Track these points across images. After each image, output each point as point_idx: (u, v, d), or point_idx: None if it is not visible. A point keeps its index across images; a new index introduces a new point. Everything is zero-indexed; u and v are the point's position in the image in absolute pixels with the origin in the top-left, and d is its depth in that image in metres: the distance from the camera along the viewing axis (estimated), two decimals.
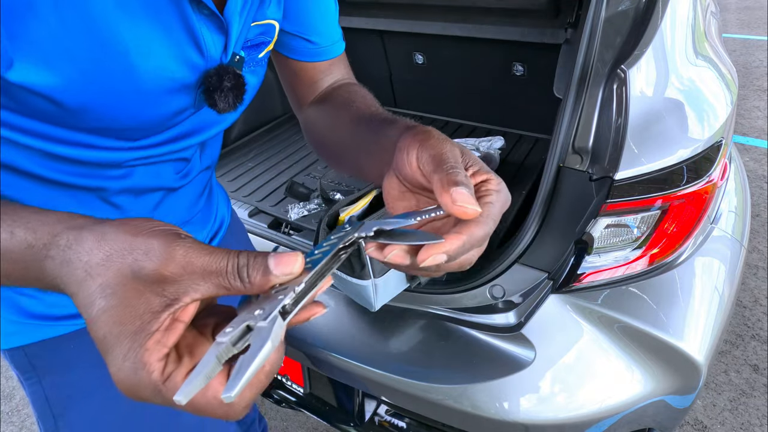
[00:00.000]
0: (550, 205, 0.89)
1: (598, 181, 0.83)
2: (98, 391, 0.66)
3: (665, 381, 0.89)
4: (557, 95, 1.04)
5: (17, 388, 1.81)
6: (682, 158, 0.82)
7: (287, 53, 0.65)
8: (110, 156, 0.50)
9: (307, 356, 1.07)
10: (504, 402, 0.89)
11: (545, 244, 0.91)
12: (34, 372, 0.64)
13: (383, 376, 0.96)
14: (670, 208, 0.84)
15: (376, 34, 1.84)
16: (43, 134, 0.44)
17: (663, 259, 0.89)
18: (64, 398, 0.65)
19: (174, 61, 0.45)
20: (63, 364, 0.64)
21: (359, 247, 0.37)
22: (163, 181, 0.59)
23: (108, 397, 0.66)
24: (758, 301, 1.86)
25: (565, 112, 0.85)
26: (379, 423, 1.13)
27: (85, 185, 0.52)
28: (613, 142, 0.81)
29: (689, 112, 0.86)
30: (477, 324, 0.97)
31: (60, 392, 0.65)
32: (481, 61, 1.72)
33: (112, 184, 0.54)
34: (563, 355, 0.90)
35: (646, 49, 0.84)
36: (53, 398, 0.65)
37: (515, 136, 1.87)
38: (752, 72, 3.77)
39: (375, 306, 0.93)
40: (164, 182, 0.60)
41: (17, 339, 0.61)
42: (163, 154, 0.54)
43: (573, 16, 1.29)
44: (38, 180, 0.49)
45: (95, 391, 0.65)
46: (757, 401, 1.53)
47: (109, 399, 0.66)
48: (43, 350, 0.63)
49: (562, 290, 0.91)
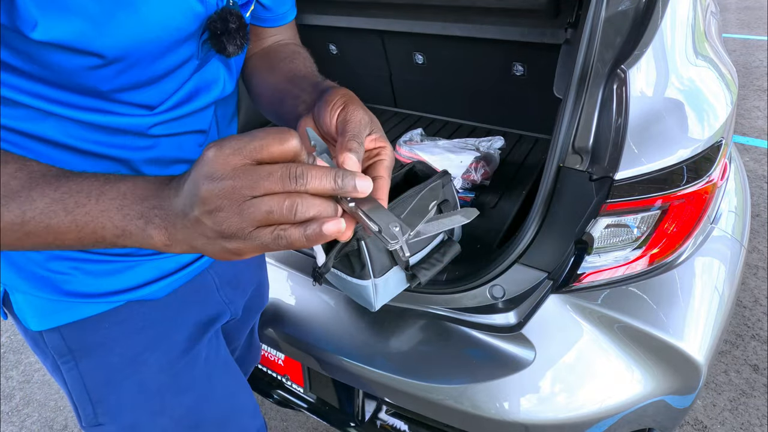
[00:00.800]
0: (550, 205, 0.89)
1: (598, 181, 0.83)
2: (135, 375, 0.66)
3: (665, 381, 0.89)
4: (557, 95, 1.04)
5: (17, 388, 1.81)
6: (682, 158, 0.82)
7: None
8: (133, 122, 0.52)
9: (307, 356, 1.07)
10: (504, 402, 0.89)
11: (545, 244, 0.91)
12: (71, 355, 0.63)
13: (383, 376, 0.96)
14: (670, 208, 0.84)
15: (376, 34, 1.84)
16: (70, 102, 0.47)
17: (663, 259, 0.89)
18: (102, 383, 0.65)
19: (178, 11, 0.47)
20: (100, 346, 0.63)
21: (359, 247, 0.37)
22: (186, 152, 0.61)
23: (145, 381, 0.67)
24: (758, 301, 1.86)
25: (565, 112, 0.85)
26: (380, 425, 1.13)
27: (115, 156, 0.54)
28: (613, 142, 0.81)
29: (689, 112, 0.86)
30: (477, 324, 0.97)
31: (98, 376, 0.64)
32: (481, 61, 1.72)
33: (139, 155, 0.56)
34: (563, 355, 0.90)
35: (646, 49, 0.84)
36: (91, 383, 0.64)
37: (515, 136, 1.87)
38: (752, 72, 3.77)
39: (375, 306, 0.93)
40: (187, 154, 0.61)
41: (53, 319, 0.60)
42: (181, 117, 0.57)
43: (573, 16, 1.29)
44: (71, 150, 0.51)
45: (132, 375, 0.66)
46: (757, 401, 1.53)
47: (146, 382, 0.67)
48: (79, 331, 0.62)
49: (562, 290, 0.91)
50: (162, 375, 0.68)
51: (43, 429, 1.67)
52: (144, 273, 0.64)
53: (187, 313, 0.72)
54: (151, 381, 0.68)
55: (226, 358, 0.80)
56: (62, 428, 1.67)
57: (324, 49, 2.03)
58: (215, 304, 0.77)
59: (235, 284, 0.81)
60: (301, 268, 1.13)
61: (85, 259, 0.59)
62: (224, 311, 0.79)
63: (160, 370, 0.68)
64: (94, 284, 0.60)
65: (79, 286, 0.59)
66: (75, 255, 0.58)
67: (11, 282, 0.59)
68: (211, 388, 0.74)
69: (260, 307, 0.96)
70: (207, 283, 0.75)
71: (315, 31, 1.93)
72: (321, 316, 1.08)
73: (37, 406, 1.75)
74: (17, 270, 0.58)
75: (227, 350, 0.82)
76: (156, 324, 0.67)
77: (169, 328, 0.69)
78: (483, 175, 1.54)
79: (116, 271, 0.61)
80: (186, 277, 0.70)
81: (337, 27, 1.85)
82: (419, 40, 1.77)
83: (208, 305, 0.76)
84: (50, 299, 0.59)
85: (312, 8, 1.84)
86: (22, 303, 0.60)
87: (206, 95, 0.59)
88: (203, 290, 0.74)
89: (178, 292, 0.69)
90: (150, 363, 0.67)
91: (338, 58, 2.04)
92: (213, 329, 0.76)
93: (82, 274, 0.59)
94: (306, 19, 1.88)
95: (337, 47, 2.00)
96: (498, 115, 1.91)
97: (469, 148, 1.64)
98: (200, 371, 0.72)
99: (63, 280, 0.59)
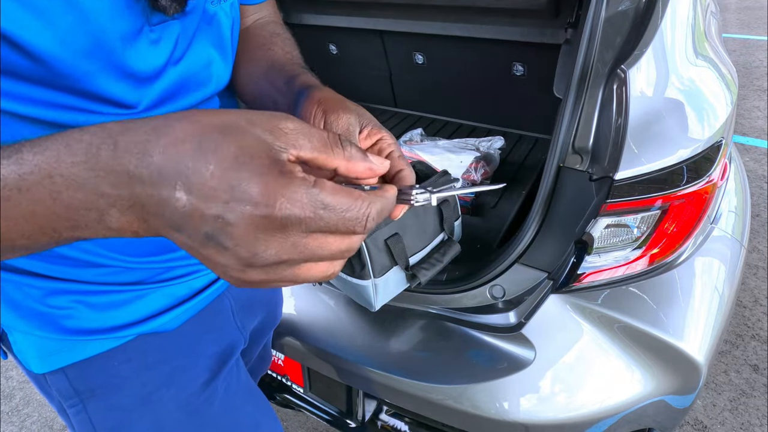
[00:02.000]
0: (550, 205, 0.89)
1: (598, 181, 0.83)
2: (150, 415, 0.61)
3: (665, 381, 0.89)
4: (557, 95, 1.04)
5: (17, 388, 1.81)
6: (682, 158, 0.82)
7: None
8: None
9: (307, 356, 1.07)
10: (504, 402, 0.89)
11: (545, 244, 0.91)
12: (78, 397, 0.58)
13: (383, 376, 0.96)
14: (670, 208, 0.84)
15: (376, 34, 1.84)
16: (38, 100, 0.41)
17: (663, 259, 0.89)
18: (113, 426, 0.60)
19: None
20: (110, 386, 0.58)
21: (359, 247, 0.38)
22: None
23: (160, 421, 0.62)
24: (758, 301, 1.86)
25: (565, 112, 0.85)
26: (380, 425, 1.12)
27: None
28: (613, 142, 0.81)
29: (689, 112, 0.86)
30: (477, 324, 0.97)
31: (109, 419, 0.59)
32: (481, 61, 1.72)
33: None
34: (563, 355, 0.90)
35: (646, 49, 0.84)
36: (101, 427, 0.59)
37: (515, 136, 1.87)
38: (752, 72, 3.77)
39: (375, 306, 0.93)
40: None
41: (56, 360, 0.55)
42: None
43: (573, 16, 1.29)
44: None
45: (147, 415, 0.61)
46: (757, 401, 1.53)
47: (162, 423, 0.62)
48: (86, 371, 0.57)
49: (562, 290, 0.91)
50: (179, 413, 0.63)
51: (43, 429, 1.67)
52: (154, 302, 0.58)
53: (204, 344, 0.66)
54: (167, 421, 0.62)
55: (248, 384, 0.74)
56: (62, 428, 1.67)
57: (324, 49, 2.03)
58: (231, 331, 0.71)
59: (248, 308, 0.75)
60: None
61: (87, 291, 0.54)
62: (239, 339, 0.73)
63: (178, 408, 0.62)
64: (99, 319, 0.55)
65: (83, 322, 0.54)
66: (77, 288, 0.53)
67: (8, 321, 0.54)
68: (233, 423, 0.68)
69: (273, 326, 0.90)
70: (223, 309, 0.69)
71: (315, 31, 1.93)
72: (321, 316, 1.08)
73: (37, 406, 1.75)
74: (14, 307, 0.53)
75: (248, 374, 0.76)
76: (170, 358, 0.62)
77: (185, 362, 0.63)
78: (483, 175, 1.54)
79: (123, 303, 0.56)
80: (201, 303, 0.64)
81: (337, 27, 1.85)
82: (419, 40, 1.77)
83: (225, 333, 0.70)
84: (52, 338, 0.54)
85: (312, 8, 1.84)
86: (21, 343, 0.55)
87: (197, 88, 0.52)
88: (219, 317, 0.68)
89: (192, 321, 0.64)
90: (165, 401, 0.61)
91: (338, 58, 2.04)
92: (233, 359, 0.70)
93: (85, 308, 0.54)
94: (306, 19, 1.88)
95: (337, 47, 2.00)
96: (498, 115, 1.91)
97: (469, 148, 1.64)
98: (220, 405, 0.66)
99: (65, 315, 0.53)
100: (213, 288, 0.65)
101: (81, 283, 0.53)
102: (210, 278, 0.64)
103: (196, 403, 0.64)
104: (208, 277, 0.64)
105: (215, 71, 0.54)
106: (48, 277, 0.52)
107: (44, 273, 0.51)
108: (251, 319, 0.77)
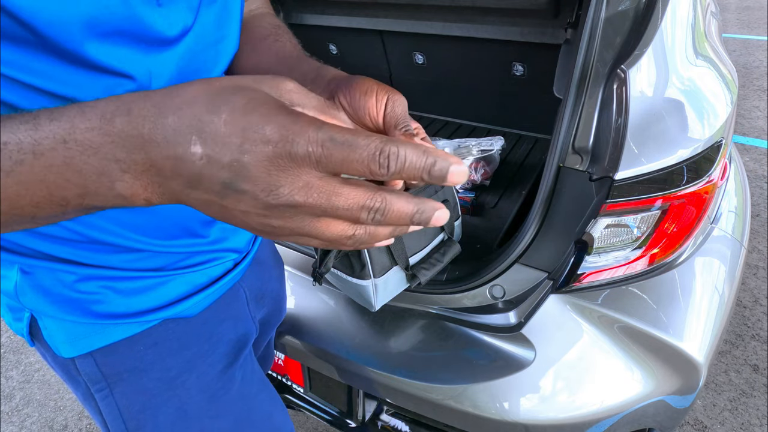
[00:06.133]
0: (550, 205, 0.89)
1: (598, 181, 0.83)
2: (174, 399, 0.62)
3: (665, 381, 0.89)
4: (557, 95, 1.04)
5: (17, 388, 1.81)
6: (682, 158, 0.82)
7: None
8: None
9: (307, 356, 1.07)
10: (504, 402, 0.89)
11: (545, 244, 0.91)
12: (105, 382, 0.59)
13: (383, 376, 0.96)
14: (670, 208, 0.84)
15: (376, 34, 1.84)
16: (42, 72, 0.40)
17: (663, 259, 0.89)
18: (139, 410, 0.61)
19: None
20: (135, 370, 0.60)
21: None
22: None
23: (184, 405, 0.63)
24: (758, 301, 1.86)
25: (565, 112, 0.85)
26: (380, 425, 1.12)
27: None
28: (613, 142, 0.81)
29: (689, 112, 0.86)
30: (477, 324, 0.97)
31: (134, 403, 0.61)
32: (481, 61, 1.72)
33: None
34: (563, 355, 0.90)
35: (646, 49, 0.84)
36: (127, 411, 0.60)
37: (515, 136, 1.87)
38: (752, 72, 3.76)
39: (375, 306, 0.93)
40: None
41: (86, 344, 0.56)
42: None
43: (573, 16, 1.29)
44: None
45: (171, 399, 0.62)
46: (757, 401, 1.53)
47: (185, 407, 0.63)
48: (113, 355, 0.58)
49: (562, 290, 0.91)
50: (200, 397, 0.65)
51: (43, 429, 1.67)
52: (175, 288, 0.61)
53: (222, 331, 0.68)
54: (190, 405, 0.64)
55: (261, 375, 0.76)
56: (62, 428, 1.67)
57: (324, 49, 2.03)
58: (246, 320, 0.73)
59: (259, 298, 0.77)
60: (301, 268, 1.14)
61: (115, 277, 0.56)
62: (252, 328, 0.75)
63: (199, 392, 0.64)
64: (126, 304, 0.57)
65: (111, 307, 0.56)
66: (105, 274, 0.55)
67: (39, 307, 0.55)
68: (248, 411, 0.70)
69: (278, 321, 0.92)
70: (239, 297, 0.71)
71: (315, 31, 1.93)
72: (321, 315, 1.08)
73: (37, 406, 1.75)
74: (45, 294, 0.54)
75: (259, 366, 0.78)
76: (191, 344, 0.64)
77: (205, 348, 0.66)
78: (483, 175, 1.54)
79: (147, 288, 0.58)
80: (218, 291, 0.66)
81: (337, 27, 1.85)
82: (419, 40, 1.77)
83: (240, 321, 0.72)
84: (82, 323, 0.56)
85: (312, 8, 1.84)
86: (52, 328, 0.56)
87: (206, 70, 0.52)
88: (235, 305, 0.71)
89: (211, 308, 0.66)
90: (188, 386, 0.63)
91: (338, 58, 2.04)
92: (248, 348, 0.72)
93: (113, 294, 0.56)
94: (306, 19, 1.88)
95: (337, 47, 2.00)
96: (498, 115, 1.91)
97: (469, 148, 1.64)
98: (237, 392, 0.69)
99: (94, 300, 0.55)
100: (229, 277, 0.67)
101: (109, 269, 0.55)
102: (225, 267, 0.67)
103: (215, 388, 0.66)
104: (223, 266, 0.66)
105: (224, 49, 0.54)
106: (78, 263, 0.53)
107: (75, 259, 0.53)
108: (260, 309, 0.79)
